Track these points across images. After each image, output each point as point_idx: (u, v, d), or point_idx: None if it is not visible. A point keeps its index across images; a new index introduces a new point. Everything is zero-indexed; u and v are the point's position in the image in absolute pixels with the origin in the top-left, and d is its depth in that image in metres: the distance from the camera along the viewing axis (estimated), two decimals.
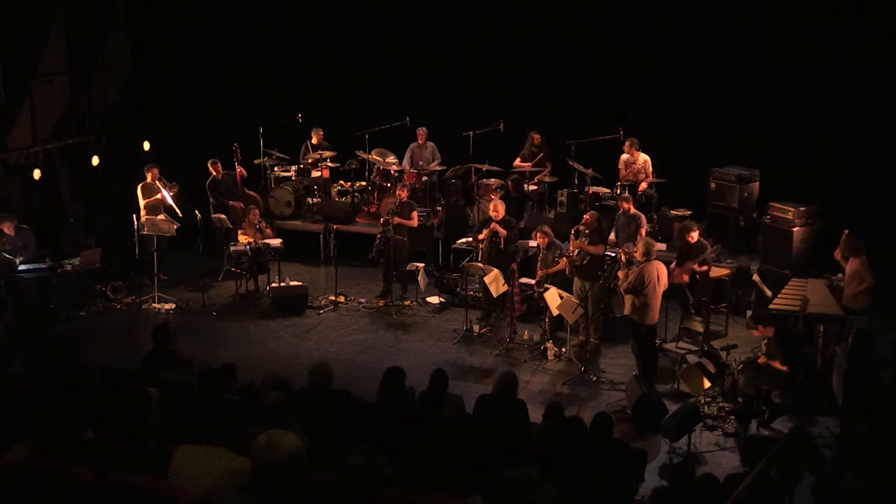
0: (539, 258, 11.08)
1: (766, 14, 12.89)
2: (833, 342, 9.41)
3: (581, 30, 13.89)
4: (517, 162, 13.75)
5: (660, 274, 9.53)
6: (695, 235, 10.49)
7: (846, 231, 10.02)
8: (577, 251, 10.49)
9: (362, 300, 12.29)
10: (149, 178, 12.61)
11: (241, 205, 13.05)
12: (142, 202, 12.55)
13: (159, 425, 5.55)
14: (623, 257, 10.24)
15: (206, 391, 6.67)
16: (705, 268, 10.43)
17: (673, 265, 10.48)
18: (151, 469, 4.43)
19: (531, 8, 14.08)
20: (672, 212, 12.78)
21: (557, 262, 10.78)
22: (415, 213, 12.30)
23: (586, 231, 10.51)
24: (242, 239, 12.33)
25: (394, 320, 11.69)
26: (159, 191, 12.53)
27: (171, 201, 12.57)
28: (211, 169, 13.19)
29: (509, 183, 13.12)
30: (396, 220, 11.94)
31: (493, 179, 13.54)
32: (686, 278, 10.46)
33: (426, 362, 10.03)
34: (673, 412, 8.57)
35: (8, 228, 11.28)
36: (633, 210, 11.55)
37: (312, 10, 15.06)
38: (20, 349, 9.88)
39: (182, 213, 12.66)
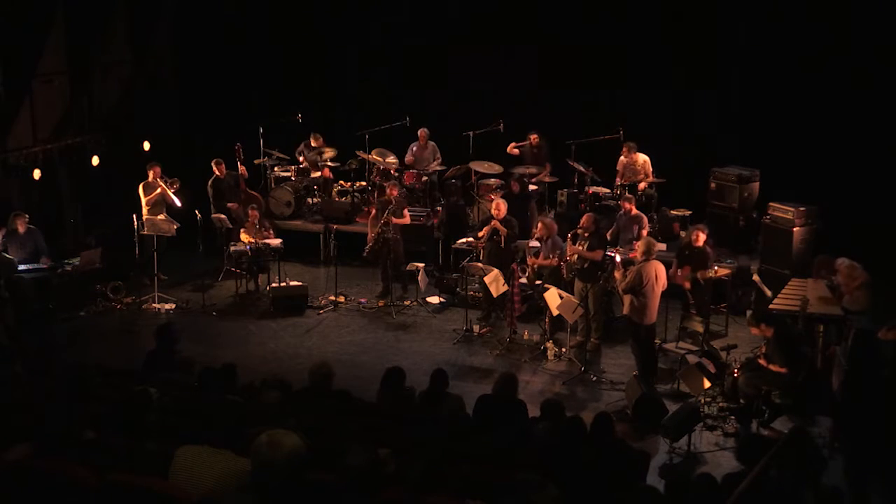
0: (528, 245, 11.12)
1: (767, 14, 12.89)
2: (833, 342, 9.41)
3: (582, 30, 13.88)
4: (511, 148, 13.69)
5: (658, 273, 9.53)
6: (701, 238, 10.51)
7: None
8: (575, 256, 10.50)
9: (362, 300, 12.30)
10: (150, 177, 12.63)
11: (237, 206, 13.03)
12: (143, 200, 12.57)
13: (159, 425, 5.55)
14: (618, 258, 10.26)
15: (206, 391, 6.68)
16: (707, 274, 10.50)
17: (673, 267, 10.49)
18: (152, 469, 4.42)
19: (533, 8, 14.09)
20: (672, 212, 12.80)
21: (550, 258, 10.79)
22: (406, 211, 12.30)
23: (585, 235, 10.51)
24: (245, 238, 12.33)
25: (394, 320, 11.69)
26: (161, 188, 12.55)
27: (173, 197, 12.59)
28: (215, 168, 13.20)
29: (514, 184, 13.10)
30: (393, 219, 11.94)
31: (493, 179, 13.55)
32: (689, 285, 10.49)
33: (426, 362, 10.03)
34: (673, 412, 8.58)
35: (21, 226, 11.38)
36: (634, 211, 11.56)
37: (312, 10, 15.07)
38: (20, 349, 9.89)
39: (183, 205, 12.67)
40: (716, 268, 10.63)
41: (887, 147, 11.93)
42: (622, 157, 13.05)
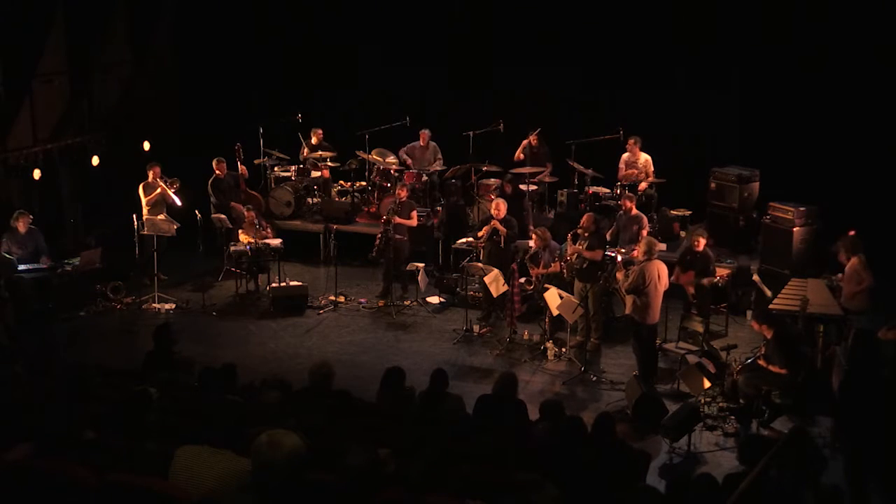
0: (527, 256, 11.14)
1: (766, 15, 12.88)
2: (833, 342, 9.42)
3: (582, 30, 13.88)
4: (518, 154, 13.70)
5: (660, 273, 9.54)
6: (702, 242, 10.52)
7: (852, 231, 10.05)
8: (574, 256, 10.51)
9: (362, 300, 12.30)
10: (150, 177, 12.63)
11: (242, 207, 13.05)
12: (143, 200, 12.57)
13: (159, 425, 5.55)
14: (619, 258, 10.26)
15: (206, 391, 6.68)
16: (713, 280, 10.52)
17: (675, 272, 10.48)
18: (152, 469, 4.43)
19: (533, 8, 14.09)
20: (672, 212, 12.80)
21: (551, 264, 10.81)
22: (414, 213, 12.31)
23: (585, 235, 10.52)
24: (243, 238, 12.34)
25: (394, 320, 11.69)
26: (161, 188, 12.54)
27: (174, 197, 12.59)
28: (215, 167, 13.19)
29: (506, 185, 13.07)
30: (396, 219, 11.94)
31: (492, 179, 13.55)
32: (692, 290, 10.49)
33: (426, 362, 10.03)
34: (673, 412, 8.58)
35: (23, 225, 11.39)
36: (634, 210, 11.55)
37: (312, 11, 15.08)
38: (20, 349, 9.90)
39: (184, 204, 12.67)
40: (719, 277, 10.65)
41: (887, 147, 11.93)
42: (625, 154, 13.03)
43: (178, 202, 12.65)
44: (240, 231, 12.49)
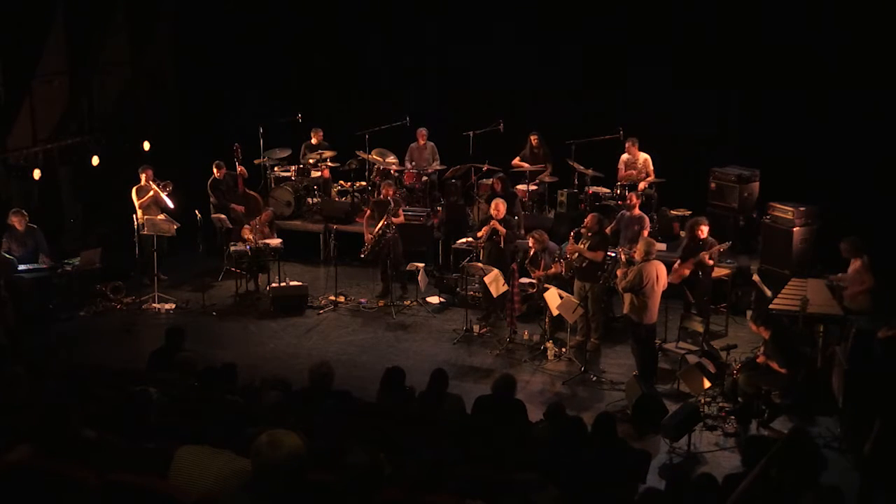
0: (528, 259, 11.13)
1: (766, 15, 12.89)
2: (833, 342, 9.42)
3: (581, 29, 13.87)
4: (516, 161, 13.73)
5: (659, 274, 9.54)
6: (704, 230, 10.50)
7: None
8: (575, 254, 10.49)
9: (362, 300, 12.30)
10: (143, 180, 12.55)
11: (243, 208, 13.01)
12: (136, 203, 12.53)
13: (159, 425, 5.55)
14: (623, 256, 10.25)
15: (206, 391, 6.68)
16: (712, 262, 10.43)
17: (676, 264, 10.46)
18: (152, 469, 4.43)
19: (532, 7, 14.09)
20: (672, 212, 12.80)
21: (551, 266, 10.80)
22: (401, 210, 12.29)
23: (588, 234, 10.50)
24: (245, 234, 12.32)
25: (394, 320, 11.68)
26: (153, 191, 12.49)
27: (166, 199, 12.55)
28: (214, 171, 13.18)
29: (496, 182, 12.96)
30: (394, 220, 11.94)
31: (492, 179, 13.54)
32: (687, 272, 10.41)
33: (426, 362, 10.02)
34: (673, 412, 8.57)
35: (19, 223, 11.35)
36: (637, 210, 11.53)
37: (312, 11, 15.07)
38: (20, 349, 9.89)
39: (177, 206, 12.62)
40: (719, 246, 10.56)
41: (887, 147, 11.93)
42: (624, 155, 13.04)
43: (171, 204, 12.60)
44: (245, 228, 12.47)
